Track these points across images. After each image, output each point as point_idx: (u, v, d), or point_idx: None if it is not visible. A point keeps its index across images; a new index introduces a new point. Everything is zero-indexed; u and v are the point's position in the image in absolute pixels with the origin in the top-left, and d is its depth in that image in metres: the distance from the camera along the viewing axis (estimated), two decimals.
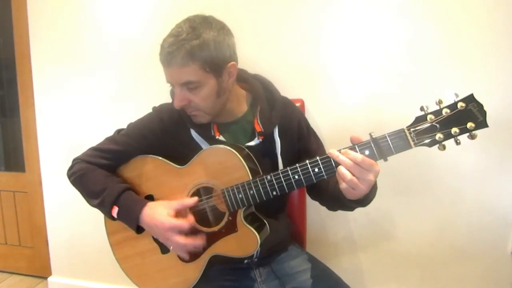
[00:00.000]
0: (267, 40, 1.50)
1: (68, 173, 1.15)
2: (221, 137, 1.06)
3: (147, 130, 1.12)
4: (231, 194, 0.99)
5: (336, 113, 1.47)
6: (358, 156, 0.83)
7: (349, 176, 0.83)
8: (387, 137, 0.84)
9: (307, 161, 0.91)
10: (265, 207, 1.07)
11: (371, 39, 1.39)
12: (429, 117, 0.81)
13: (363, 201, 0.93)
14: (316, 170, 0.90)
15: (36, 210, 2.04)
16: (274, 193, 0.95)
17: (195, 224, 1.03)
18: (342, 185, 0.85)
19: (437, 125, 0.81)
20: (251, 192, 0.96)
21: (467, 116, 0.80)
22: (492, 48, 1.29)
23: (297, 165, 0.92)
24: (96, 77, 1.76)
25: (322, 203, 1.16)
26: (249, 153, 1.03)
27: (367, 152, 0.85)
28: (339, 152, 0.86)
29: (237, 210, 1.00)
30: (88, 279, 1.98)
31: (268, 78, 1.17)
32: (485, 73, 1.31)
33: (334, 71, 1.45)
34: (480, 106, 0.80)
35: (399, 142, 0.83)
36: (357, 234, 1.53)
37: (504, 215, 1.37)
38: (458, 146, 0.82)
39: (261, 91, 1.12)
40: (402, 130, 0.83)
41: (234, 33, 1.02)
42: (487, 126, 0.80)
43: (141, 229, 1.07)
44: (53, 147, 1.90)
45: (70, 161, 1.16)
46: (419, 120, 0.83)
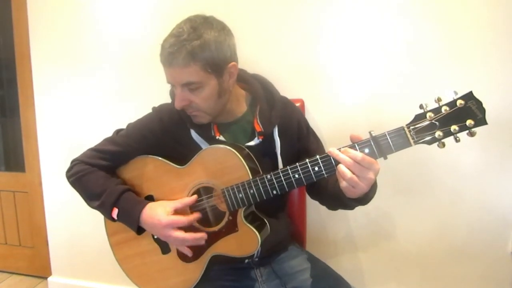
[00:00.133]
0: (267, 40, 1.50)
1: (67, 174, 1.14)
2: (221, 137, 1.06)
3: (146, 131, 1.11)
4: (231, 194, 0.99)
5: (336, 113, 1.47)
6: (358, 154, 0.83)
7: (349, 174, 0.83)
8: (387, 135, 0.84)
9: (307, 160, 0.91)
10: (265, 207, 1.07)
11: (371, 39, 1.39)
12: (428, 115, 0.81)
13: (363, 199, 0.93)
14: (316, 168, 0.90)
15: (36, 210, 2.04)
16: (274, 192, 0.95)
17: (195, 222, 1.03)
18: (342, 184, 0.86)
19: (437, 123, 0.81)
20: (251, 191, 0.97)
21: (466, 113, 0.80)
22: (492, 48, 1.29)
23: (297, 164, 0.92)
24: (96, 77, 1.76)
25: (322, 202, 1.16)
26: (249, 153, 1.03)
27: (367, 150, 0.85)
28: (339, 150, 0.86)
29: (238, 209, 1.00)
30: (88, 279, 1.98)
31: (268, 78, 1.17)
32: (485, 73, 1.31)
33: (334, 71, 1.45)
34: (479, 104, 0.80)
35: (399, 140, 0.83)
36: (357, 233, 1.53)
37: (504, 215, 1.37)
38: (459, 146, 0.82)
39: (260, 91, 1.12)
40: (402, 128, 0.83)
41: (234, 33, 1.02)
42: (486, 123, 0.80)
43: (141, 230, 1.08)
44: (53, 147, 1.90)
45: (70, 161, 1.16)
46: (419, 118, 0.83)
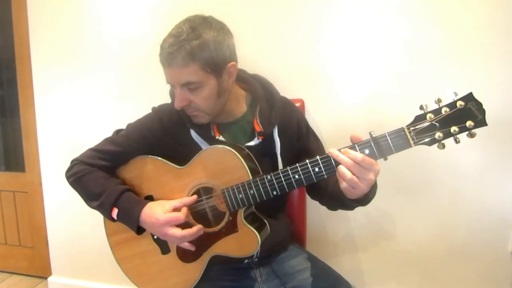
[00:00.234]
0: (267, 40, 1.50)
1: (66, 175, 1.14)
2: (221, 137, 1.06)
3: (146, 131, 1.11)
4: (231, 194, 0.99)
5: (336, 113, 1.47)
6: (358, 155, 0.83)
7: (349, 175, 0.83)
8: (387, 136, 0.84)
9: (307, 161, 0.91)
10: (265, 207, 1.07)
11: (371, 39, 1.39)
12: (428, 116, 0.81)
13: (363, 200, 0.93)
14: (316, 169, 0.90)
15: (36, 210, 2.04)
16: (275, 192, 0.95)
17: (192, 220, 1.03)
18: (342, 184, 0.86)
19: (437, 124, 0.81)
20: (251, 192, 0.96)
21: (466, 114, 0.80)
22: (492, 48, 1.29)
23: (297, 164, 0.92)
24: (96, 77, 1.76)
25: (322, 202, 1.16)
26: (249, 153, 1.03)
27: (367, 151, 0.85)
28: (339, 151, 0.86)
29: (237, 210, 1.00)
30: (88, 279, 1.98)
31: (268, 78, 1.17)
32: (485, 73, 1.31)
33: (334, 71, 1.45)
34: (479, 105, 0.80)
35: (399, 141, 0.83)
36: (357, 233, 1.53)
37: (504, 215, 1.37)
38: (459, 146, 0.82)
39: (260, 91, 1.12)
40: (402, 129, 0.83)
41: (234, 33, 1.02)
42: (486, 124, 0.80)
43: (141, 230, 1.08)
44: (53, 147, 1.90)
45: (70, 161, 1.16)
46: (419, 119, 0.83)
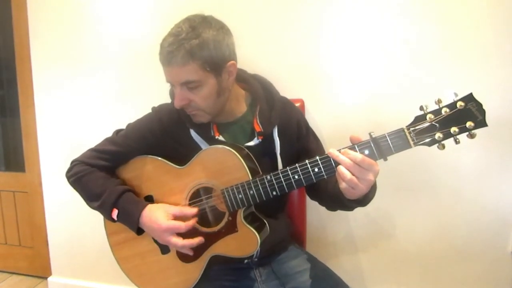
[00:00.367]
0: (267, 40, 1.50)
1: (67, 175, 1.14)
2: (221, 137, 1.06)
3: (146, 131, 1.11)
4: (230, 194, 0.99)
5: (336, 113, 1.46)
6: (358, 155, 0.83)
7: (348, 175, 0.83)
8: (387, 136, 0.84)
9: (306, 161, 0.91)
10: (265, 207, 1.07)
11: (371, 39, 1.39)
12: (428, 116, 0.81)
13: (363, 200, 0.93)
14: (316, 170, 0.90)
15: (36, 210, 2.04)
16: (274, 193, 0.95)
17: (194, 225, 1.03)
18: (342, 185, 0.85)
19: (437, 125, 0.81)
20: (251, 192, 0.96)
21: (466, 115, 0.80)
22: (492, 48, 1.29)
23: (296, 165, 0.92)
24: (96, 77, 1.76)
25: (322, 203, 1.16)
26: (248, 153, 1.03)
27: (366, 151, 0.85)
28: (339, 151, 0.86)
29: (237, 210, 1.00)
30: (88, 279, 1.98)
31: (268, 78, 1.17)
32: (485, 73, 1.31)
33: (334, 71, 1.44)
34: (479, 105, 0.80)
35: (399, 141, 0.83)
36: (357, 234, 1.53)
37: (504, 215, 1.36)
38: (458, 146, 0.82)
39: (260, 91, 1.12)
40: (402, 130, 0.83)
41: (234, 33, 1.02)
42: (486, 125, 0.80)
43: (141, 231, 1.08)
44: (53, 147, 1.90)
45: (70, 161, 1.16)
46: (419, 119, 0.83)
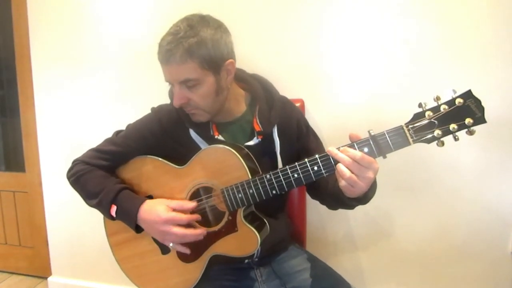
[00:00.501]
0: (267, 40, 1.50)
1: (67, 175, 1.15)
2: (220, 137, 1.06)
3: (146, 131, 1.11)
4: (230, 194, 0.99)
5: (336, 113, 1.46)
6: (357, 153, 0.83)
7: (348, 173, 0.83)
8: (386, 134, 0.84)
9: (306, 160, 0.91)
10: (264, 207, 1.07)
11: (371, 39, 1.39)
12: (427, 113, 0.81)
13: (363, 199, 0.93)
14: (316, 168, 0.90)
15: (36, 210, 2.04)
16: (274, 192, 0.95)
17: (195, 222, 1.03)
18: (341, 183, 0.85)
19: (436, 122, 0.81)
20: (251, 191, 0.96)
21: (465, 112, 0.80)
22: (492, 48, 1.29)
23: (296, 163, 0.92)
24: (96, 77, 1.76)
25: (322, 202, 1.16)
26: (248, 152, 1.03)
27: (366, 149, 0.85)
28: (338, 149, 0.86)
29: (237, 209, 1.00)
30: (88, 279, 1.98)
31: (267, 78, 1.17)
32: (485, 72, 1.31)
33: (334, 71, 1.45)
34: (478, 102, 0.80)
35: (398, 139, 0.83)
36: (357, 233, 1.53)
37: (504, 215, 1.36)
38: (459, 145, 0.82)
39: (260, 91, 1.12)
40: (401, 127, 0.83)
41: (234, 33, 1.02)
42: (485, 121, 0.80)
43: (140, 228, 1.07)
44: (53, 147, 1.90)
45: (70, 161, 1.16)
46: (418, 116, 0.82)
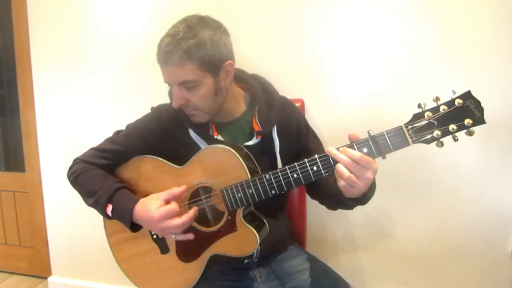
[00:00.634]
0: (267, 40, 1.50)
1: (68, 174, 1.15)
2: (220, 137, 1.07)
3: (145, 131, 1.12)
4: (230, 194, 0.99)
5: (336, 113, 1.46)
6: (356, 153, 0.83)
7: (347, 173, 0.83)
8: (385, 134, 0.84)
9: (305, 160, 0.91)
10: (264, 207, 1.07)
11: (371, 39, 1.39)
12: (426, 114, 0.81)
13: (362, 199, 0.93)
14: (315, 168, 0.90)
15: (36, 210, 2.04)
16: (273, 192, 0.95)
17: (194, 224, 1.03)
18: (340, 183, 0.85)
19: (435, 122, 0.81)
20: (250, 191, 0.96)
21: (464, 112, 0.80)
22: (492, 48, 1.29)
23: (295, 163, 0.92)
24: (96, 77, 1.76)
25: (322, 202, 1.16)
26: (247, 152, 1.03)
27: (365, 149, 0.85)
28: (338, 150, 0.86)
29: (236, 209, 1.00)
30: (88, 279, 1.98)
31: (267, 78, 1.17)
32: (485, 73, 1.30)
33: (334, 71, 1.45)
34: (477, 103, 0.80)
35: (397, 139, 0.83)
36: (357, 233, 1.53)
37: (504, 215, 1.36)
38: (459, 146, 0.82)
39: (259, 91, 1.12)
40: (400, 128, 0.83)
41: (234, 33, 1.02)
42: (484, 122, 0.80)
43: (136, 227, 1.07)
44: (53, 147, 1.91)
45: (70, 161, 1.16)
46: (417, 117, 0.82)
